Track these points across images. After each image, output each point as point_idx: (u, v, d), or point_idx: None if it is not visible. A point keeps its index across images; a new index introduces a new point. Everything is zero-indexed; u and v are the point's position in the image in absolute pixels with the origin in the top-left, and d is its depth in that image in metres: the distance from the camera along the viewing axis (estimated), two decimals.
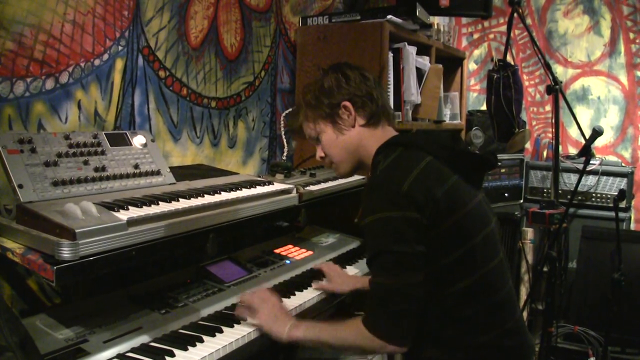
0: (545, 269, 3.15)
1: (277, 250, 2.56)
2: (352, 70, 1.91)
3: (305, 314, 2.03)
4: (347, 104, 1.86)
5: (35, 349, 1.25)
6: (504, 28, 4.73)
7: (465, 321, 1.64)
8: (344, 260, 2.51)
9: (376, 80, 1.94)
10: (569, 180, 4.08)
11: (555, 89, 3.03)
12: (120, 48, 2.21)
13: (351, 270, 2.42)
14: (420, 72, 3.31)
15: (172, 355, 1.56)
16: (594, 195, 4.07)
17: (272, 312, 1.82)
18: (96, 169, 1.81)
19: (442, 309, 1.64)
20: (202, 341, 1.65)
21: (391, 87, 3.07)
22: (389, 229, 1.60)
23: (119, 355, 1.54)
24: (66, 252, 1.38)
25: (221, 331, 1.73)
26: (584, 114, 4.49)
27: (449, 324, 1.65)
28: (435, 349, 1.67)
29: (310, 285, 2.19)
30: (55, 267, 1.37)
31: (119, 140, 1.96)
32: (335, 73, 1.91)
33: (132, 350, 1.58)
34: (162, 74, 2.41)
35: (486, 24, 4.87)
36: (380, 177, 1.72)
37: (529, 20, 4.63)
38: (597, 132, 3.01)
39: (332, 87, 1.88)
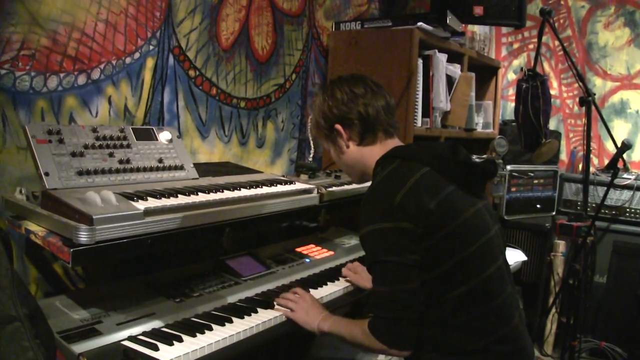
0: (570, 281, 3.14)
1: (298, 249, 2.62)
2: (341, 87, 1.91)
3: None
4: (338, 126, 1.90)
5: (44, 322, 1.34)
6: (544, 38, 4.70)
7: (461, 327, 1.67)
8: (362, 263, 2.54)
9: (372, 89, 1.91)
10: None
11: (587, 101, 3.01)
12: (151, 47, 2.30)
13: None
14: (450, 80, 3.34)
15: (180, 340, 1.62)
16: (628, 210, 4.01)
17: (304, 306, 1.93)
18: (121, 161, 1.90)
19: (439, 315, 1.67)
20: (211, 329, 1.72)
21: (420, 93, 3.10)
22: (383, 240, 1.66)
23: (130, 337, 1.62)
24: (83, 237, 1.46)
25: (231, 321, 1.80)
26: (622, 128, 4.43)
27: (445, 330, 1.68)
28: (433, 353, 1.70)
29: (326, 284, 2.24)
30: (71, 250, 1.45)
31: (145, 135, 2.05)
32: (325, 94, 1.94)
33: (143, 333, 1.66)
34: (192, 73, 2.50)
35: (526, 34, 4.85)
36: (375, 190, 1.76)
37: (569, 32, 4.59)
38: (625, 146, 2.99)
39: (324, 110, 1.93)
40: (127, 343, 1.59)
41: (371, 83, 1.93)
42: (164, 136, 2.10)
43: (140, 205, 1.64)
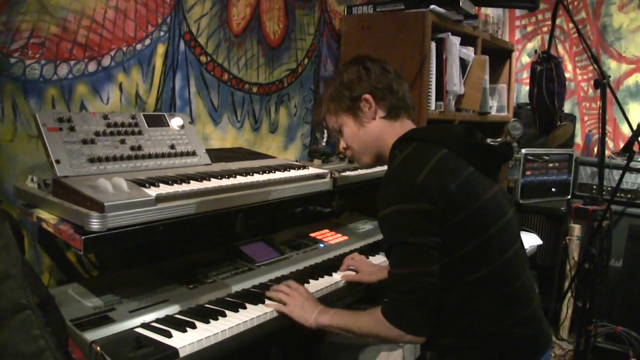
0: (586, 266, 3.10)
1: (312, 234, 2.61)
2: (373, 62, 1.92)
3: (332, 297, 2.07)
4: (368, 96, 1.87)
5: (56, 310, 1.34)
6: (558, 21, 4.65)
7: (481, 310, 1.65)
8: (376, 248, 2.53)
9: (397, 72, 1.95)
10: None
11: (602, 84, 2.96)
12: (162, 33, 2.29)
13: (381, 257, 2.43)
14: (464, 63, 3.30)
15: (194, 327, 1.62)
16: None
17: (299, 300, 1.88)
18: (132, 148, 1.89)
19: (458, 299, 1.65)
20: (224, 315, 1.72)
21: (433, 77, 3.07)
22: (403, 221, 1.63)
23: (143, 324, 1.62)
24: (95, 224, 1.46)
25: (245, 307, 1.79)
26: (637, 111, 4.37)
27: (465, 313, 1.66)
28: (452, 338, 1.69)
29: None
30: (83, 237, 1.45)
31: (157, 121, 2.04)
32: (356, 66, 1.92)
33: (157, 320, 1.66)
34: (203, 59, 2.48)
35: (540, 16, 4.80)
36: (395, 171, 1.73)
37: (583, 14, 4.54)
38: None
39: (352, 80, 1.90)
40: (140, 330, 1.59)
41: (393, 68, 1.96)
42: (176, 122, 2.09)
43: (152, 191, 1.63)
